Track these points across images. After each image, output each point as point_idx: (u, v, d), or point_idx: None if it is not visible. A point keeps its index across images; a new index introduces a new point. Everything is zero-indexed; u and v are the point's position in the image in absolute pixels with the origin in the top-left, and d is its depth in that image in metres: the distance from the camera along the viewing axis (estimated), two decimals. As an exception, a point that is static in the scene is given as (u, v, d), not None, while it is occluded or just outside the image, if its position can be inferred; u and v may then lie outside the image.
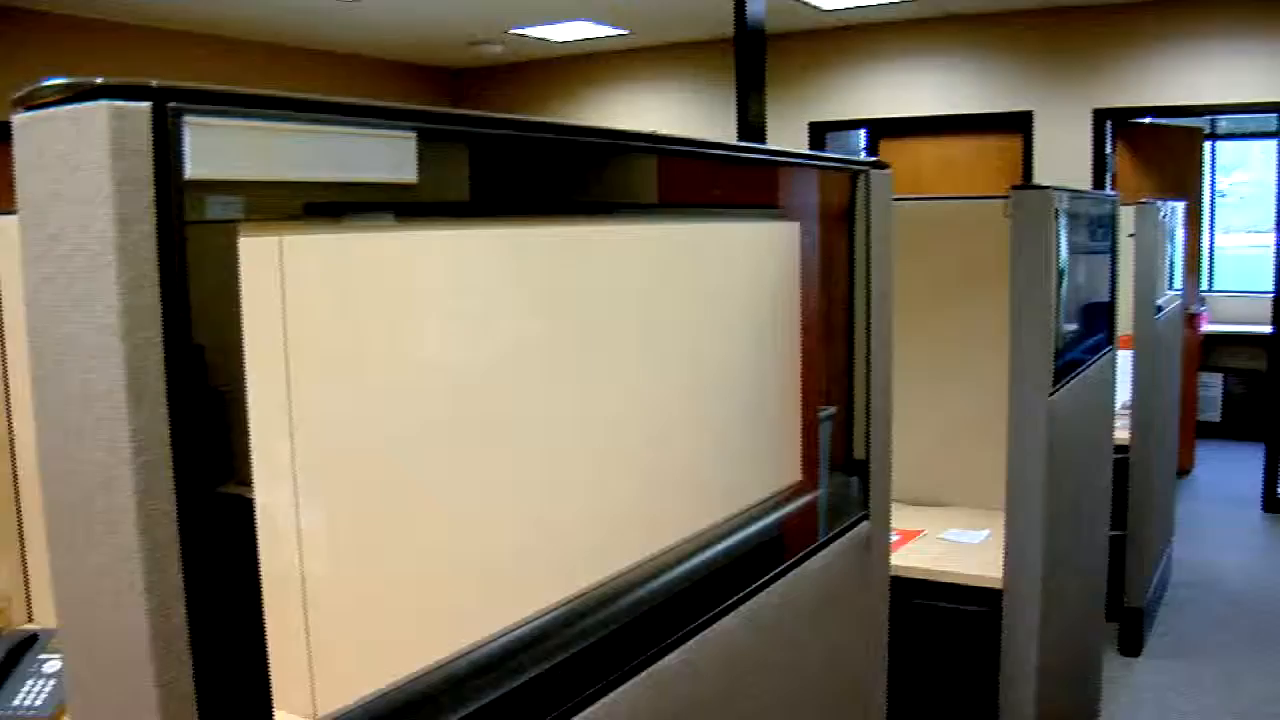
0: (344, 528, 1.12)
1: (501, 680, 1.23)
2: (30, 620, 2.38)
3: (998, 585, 2.79)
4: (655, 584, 1.51)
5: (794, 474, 1.91)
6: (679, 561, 1.58)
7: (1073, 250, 3.13)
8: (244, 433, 0.83)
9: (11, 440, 2.31)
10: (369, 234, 1.17)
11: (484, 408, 1.28)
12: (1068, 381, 2.93)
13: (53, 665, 1.99)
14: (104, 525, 0.74)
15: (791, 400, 1.91)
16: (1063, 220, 2.88)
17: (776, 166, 1.97)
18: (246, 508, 0.82)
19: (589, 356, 1.43)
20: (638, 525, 1.53)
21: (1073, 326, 3.21)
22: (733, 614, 1.55)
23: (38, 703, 1.92)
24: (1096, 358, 3.43)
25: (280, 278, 1.13)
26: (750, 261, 1.81)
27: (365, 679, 1.11)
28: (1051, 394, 2.70)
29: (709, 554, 1.64)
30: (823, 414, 2.03)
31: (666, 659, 1.39)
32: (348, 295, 1.17)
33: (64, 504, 0.77)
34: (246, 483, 0.83)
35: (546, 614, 1.34)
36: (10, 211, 2.24)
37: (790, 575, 1.71)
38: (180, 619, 0.75)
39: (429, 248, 1.22)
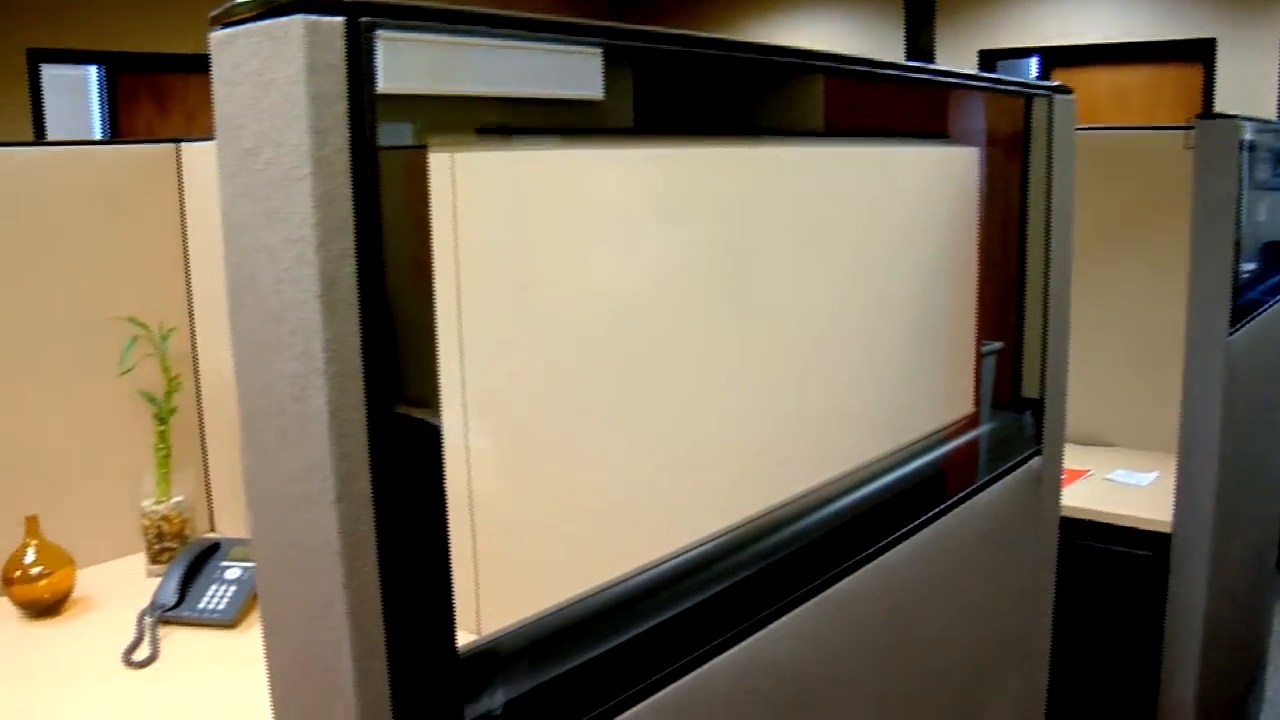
0: (509, 449, 1.14)
1: (666, 605, 1.24)
2: (212, 529, 2.49)
3: (1166, 529, 2.70)
4: (822, 514, 1.50)
5: (964, 407, 1.87)
6: (846, 492, 1.57)
7: (1256, 185, 2.98)
8: (431, 348, 0.84)
9: (195, 360, 2.41)
10: (537, 152, 1.17)
11: (649, 331, 1.27)
12: (1248, 322, 2.81)
13: (234, 572, 2.08)
14: (297, 434, 0.76)
15: (964, 332, 1.87)
16: (1248, 153, 2.74)
17: (952, 89, 1.91)
18: (433, 421, 0.83)
19: (757, 282, 1.41)
20: (803, 454, 1.52)
21: (1253, 265, 3.07)
22: (900, 546, 1.53)
23: (220, 606, 2.01)
24: (1278, 299, 3.27)
25: (453, 195, 1.14)
26: (925, 188, 1.76)
27: (529, 600, 1.12)
28: (1230, 334, 2.59)
29: (876, 485, 1.62)
30: (988, 348, 1.98)
31: (833, 588, 1.39)
32: (515, 214, 1.18)
33: (258, 414, 0.80)
34: (434, 397, 0.84)
35: (710, 541, 1.34)
36: (193, 138, 2.31)
37: (959, 509, 1.68)
38: (369, 526, 0.77)
39: (597, 167, 1.22)
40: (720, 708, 1.23)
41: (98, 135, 7.04)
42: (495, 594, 1.09)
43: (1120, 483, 3.03)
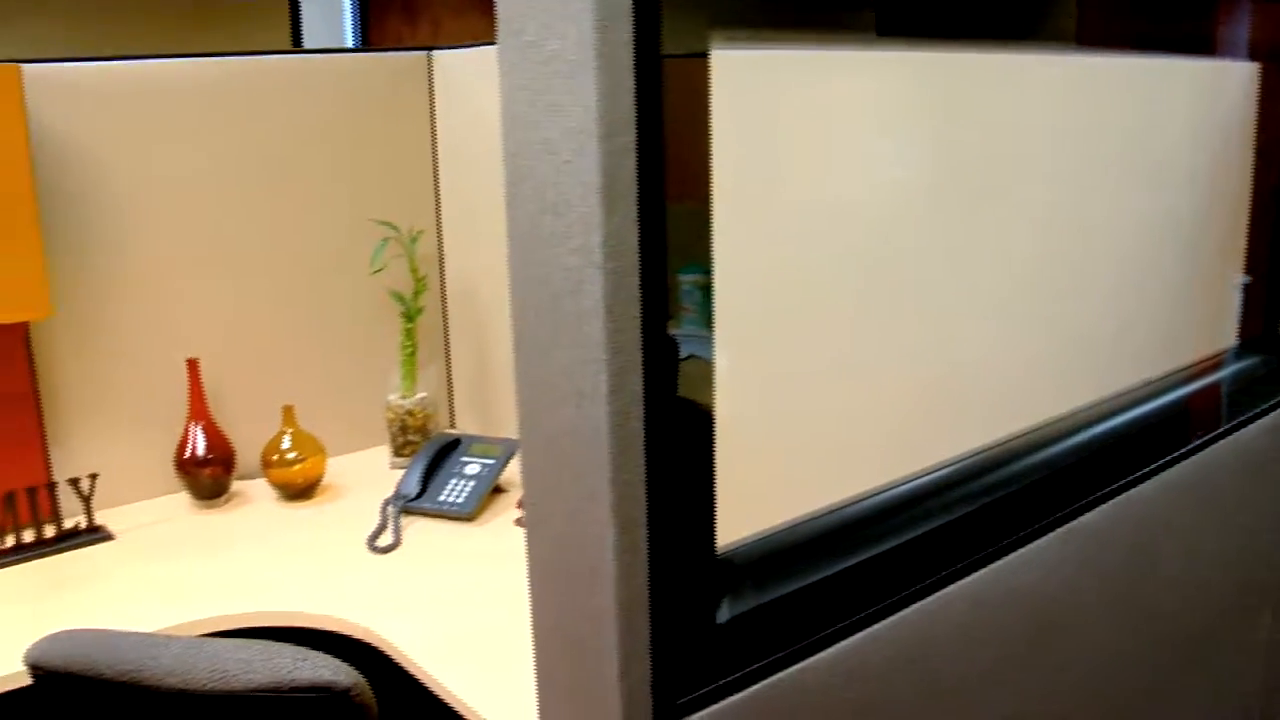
0: (751, 362, 1.12)
1: (907, 527, 1.22)
2: (452, 426, 2.58)
3: None
4: (1069, 443, 1.45)
5: (1225, 340, 1.76)
6: (1094, 422, 1.50)
7: None
8: (706, 246, 0.84)
9: (441, 262, 2.49)
10: (783, 51, 1.14)
11: (895, 245, 1.23)
12: None
13: (473, 468, 2.15)
14: (571, 328, 0.77)
15: (1230, 262, 1.76)
16: None
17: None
18: (705, 313, 0.83)
19: (1012, 199, 1.35)
20: (1051, 381, 1.46)
21: None
22: (1148, 482, 1.46)
23: (460, 500, 2.08)
24: None
25: (707, 93, 1.12)
26: (1193, 105, 1.65)
27: (767, 516, 1.11)
28: None
29: (1126, 417, 1.55)
30: (1238, 280, 1.86)
31: (1077, 520, 1.34)
32: (763, 117, 1.15)
33: (532, 307, 0.80)
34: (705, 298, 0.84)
35: (952, 465, 1.30)
36: (442, 46, 2.35)
37: (1211, 449, 1.59)
38: (638, 423, 0.77)
39: (846, 72, 1.18)
40: (956, 633, 1.20)
41: (350, 45, 7.27)
42: (734, 508, 1.09)
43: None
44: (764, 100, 1.12)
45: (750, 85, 1.10)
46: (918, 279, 1.26)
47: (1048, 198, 1.41)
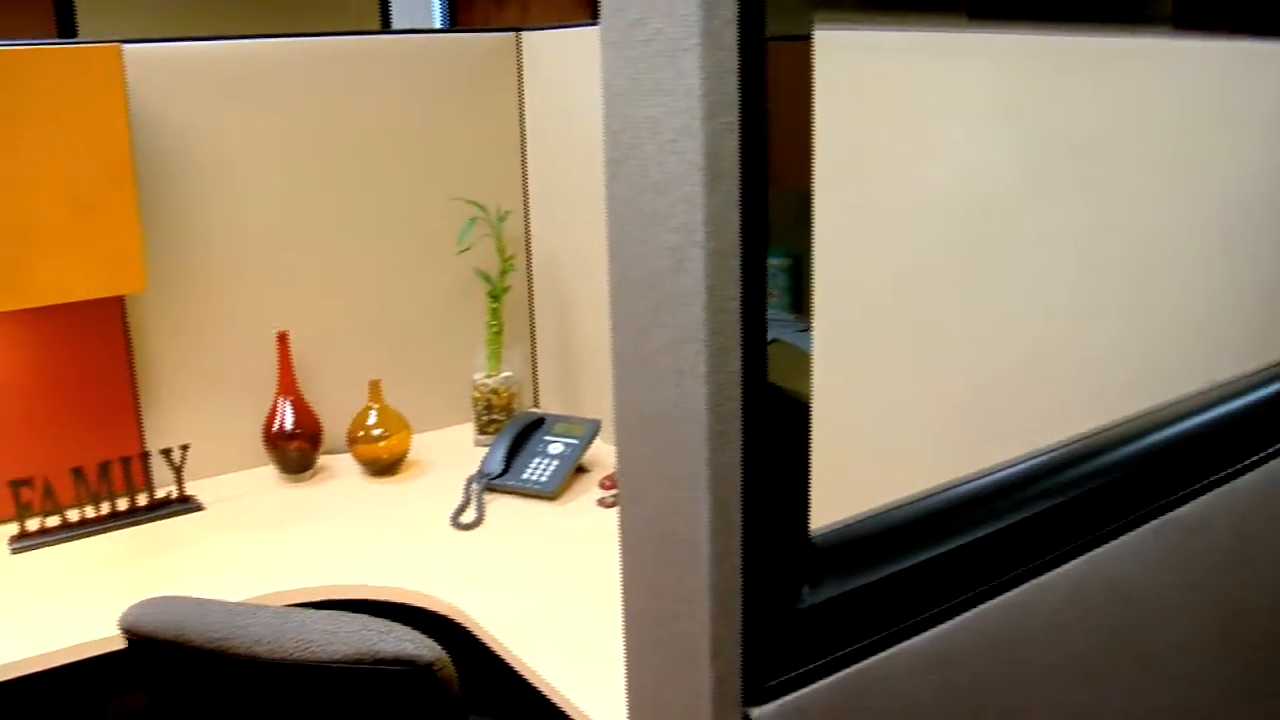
0: (846, 345, 1.12)
1: (1004, 513, 1.20)
2: (536, 405, 2.60)
3: None
4: (1169, 432, 1.42)
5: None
6: (1195, 412, 1.47)
7: None
8: (807, 230, 0.83)
9: (528, 242, 2.50)
10: (885, 32, 1.12)
11: (989, 232, 1.22)
12: None
13: (557, 447, 2.16)
14: (672, 306, 0.76)
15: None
16: None
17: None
18: (803, 296, 0.82)
19: (1109, 183, 1.32)
20: (1151, 369, 1.43)
21: None
22: (1251, 474, 1.43)
23: (543, 478, 2.10)
24: None
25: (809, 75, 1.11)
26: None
27: (862, 499, 1.11)
28: None
29: (1228, 408, 1.51)
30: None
31: (1176, 512, 1.31)
32: (863, 98, 1.14)
33: (631, 285, 0.80)
34: (805, 280, 0.83)
35: (1050, 452, 1.29)
36: (530, 27, 2.36)
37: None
38: (736, 403, 0.77)
39: (944, 54, 1.16)
40: (1047, 623, 1.19)
41: (438, 25, 7.33)
42: (826, 492, 1.08)
43: None
44: (861, 84, 1.11)
45: (848, 68, 1.09)
46: (1013, 264, 1.25)
47: (1150, 181, 1.38)
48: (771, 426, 0.81)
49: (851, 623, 0.98)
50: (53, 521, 2.03)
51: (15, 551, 1.95)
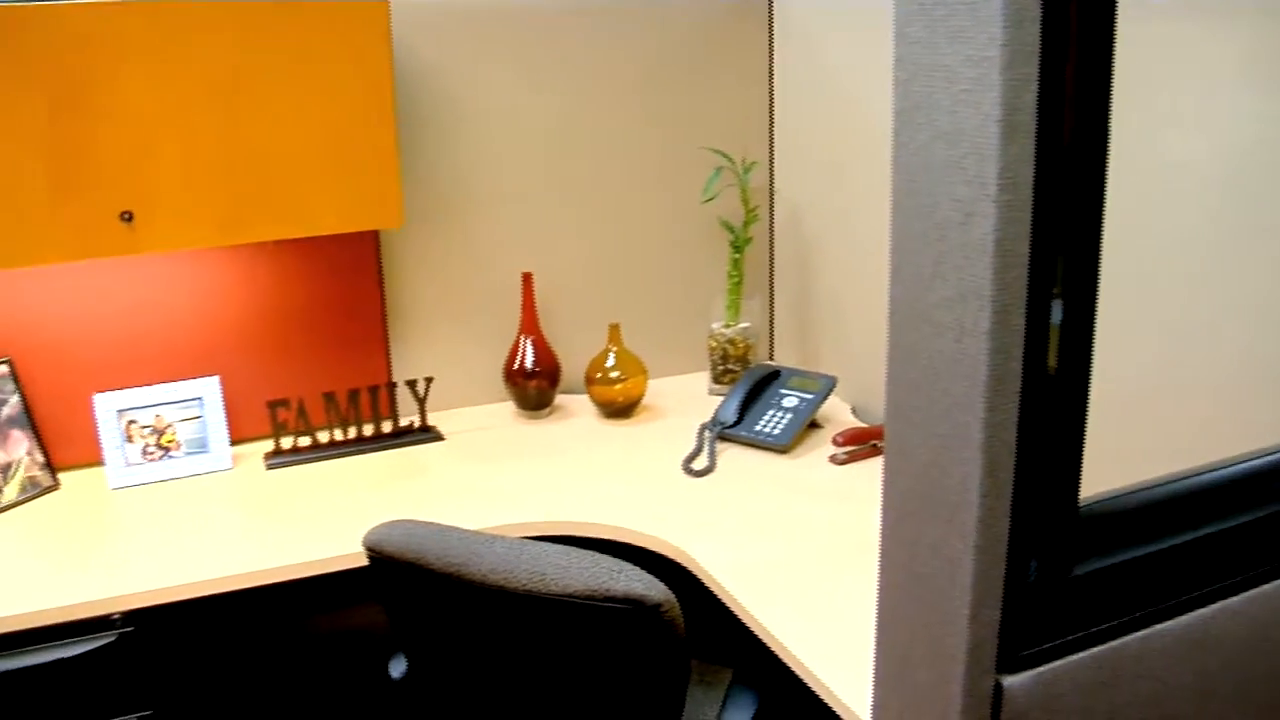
0: (1127, 316, 1.07)
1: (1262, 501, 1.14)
2: (771, 358, 2.60)
3: None
4: None
5: None
6: None
7: None
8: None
9: (772, 195, 2.49)
10: None
11: (1261, 203, 1.15)
12: None
13: (791, 400, 2.16)
14: (957, 259, 0.75)
15: None
16: None
17: None
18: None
19: None
20: None
21: None
22: None
23: (776, 431, 2.10)
24: None
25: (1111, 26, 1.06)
26: None
27: (1127, 473, 1.06)
28: None
29: None
30: None
31: None
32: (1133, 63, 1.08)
33: (915, 236, 0.79)
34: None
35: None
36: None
37: None
38: (1017, 363, 0.75)
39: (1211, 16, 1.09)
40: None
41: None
42: (1096, 460, 1.04)
43: None
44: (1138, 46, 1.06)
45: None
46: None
47: None
48: (1049, 390, 0.79)
49: (1112, 598, 0.95)
50: (304, 442, 2.15)
51: (270, 467, 2.08)
